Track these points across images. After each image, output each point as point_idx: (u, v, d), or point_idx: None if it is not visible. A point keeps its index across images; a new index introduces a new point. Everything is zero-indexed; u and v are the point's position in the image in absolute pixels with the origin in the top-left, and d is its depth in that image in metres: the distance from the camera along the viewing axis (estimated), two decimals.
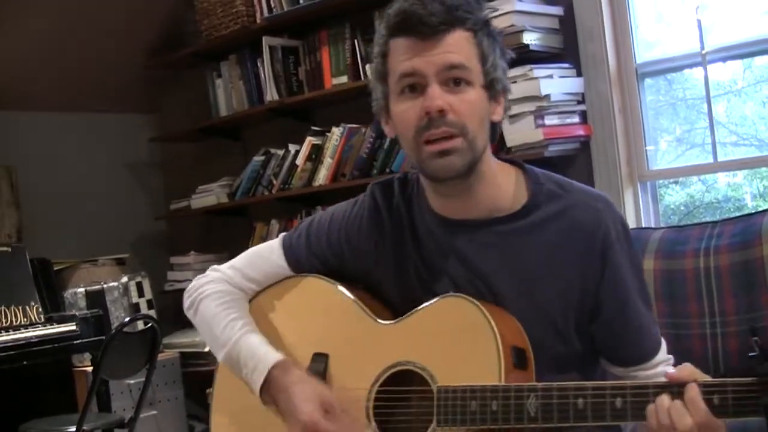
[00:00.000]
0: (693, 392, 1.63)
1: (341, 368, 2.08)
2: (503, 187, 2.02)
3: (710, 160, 4.12)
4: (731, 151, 4.23)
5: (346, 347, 2.09)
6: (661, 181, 4.37)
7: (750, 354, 1.56)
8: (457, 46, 1.90)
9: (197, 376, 5.39)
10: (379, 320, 2.06)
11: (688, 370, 1.68)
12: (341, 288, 2.15)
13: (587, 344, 2.00)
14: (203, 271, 5.79)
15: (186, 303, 2.28)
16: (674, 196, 4.57)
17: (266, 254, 2.24)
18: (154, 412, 5.13)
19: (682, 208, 4.54)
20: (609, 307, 1.97)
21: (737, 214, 3.74)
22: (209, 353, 5.34)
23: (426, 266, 2.06)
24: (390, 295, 2.11)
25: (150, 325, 4.29)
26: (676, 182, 4.51)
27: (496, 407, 1.79)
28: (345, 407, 1.99)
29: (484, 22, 1.96)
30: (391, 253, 2.10)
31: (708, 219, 3.96)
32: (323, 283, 2.17)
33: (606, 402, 1.70)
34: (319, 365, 2.09)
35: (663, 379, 1.72)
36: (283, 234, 2.27)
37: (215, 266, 2.31)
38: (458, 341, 1.90)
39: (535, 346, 1.89)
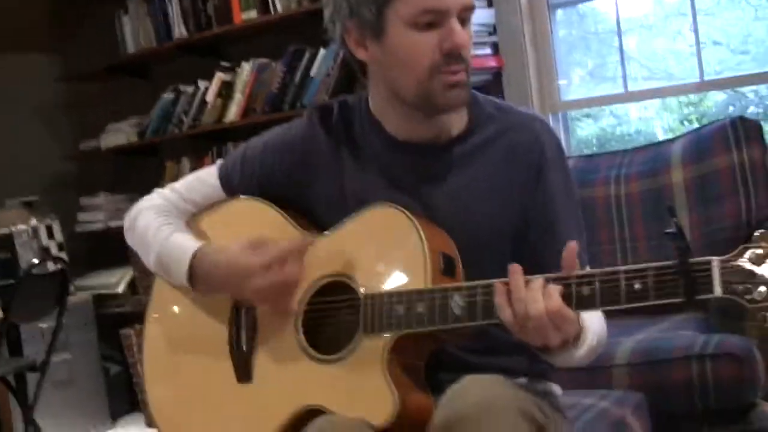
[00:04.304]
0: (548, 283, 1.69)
1: None
2: None
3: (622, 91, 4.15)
4: (642, 85, 4.27)
5: None
6: (573, 114, 4.39)
7: (666, 231, 1.59)
8: None
9: (110, 318, 5.33)
10: (308, 234, 2.04)
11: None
12: (271, 207, 2.12)
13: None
14: (114, 212, 5.70)
15: (126, 224, 2.25)
16: (586, 129, 4.61)
17: (205, 178, 2.24)
18: (68, 355, 5.08)
19: (594, 141, 4.58)
20: (537, 225, 1.98)
21: None
22: (123, 295, 5.29)
23: (364, 188, 2.04)
24: (325, 217, 2.07)
25: (60, 267, 4.24)
26: (588, 116, 4.55)
27: (421, 309, 1.79)
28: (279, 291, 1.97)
29: None
30: (326, 176, 2.09)
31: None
32: (254, 203, 2.15)
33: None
34: None
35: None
36: (221, 159, 2.27)
37: (157, 189, 2.29)
38: (385, 248, 1.91)
39: (469, 268, 1.88)
